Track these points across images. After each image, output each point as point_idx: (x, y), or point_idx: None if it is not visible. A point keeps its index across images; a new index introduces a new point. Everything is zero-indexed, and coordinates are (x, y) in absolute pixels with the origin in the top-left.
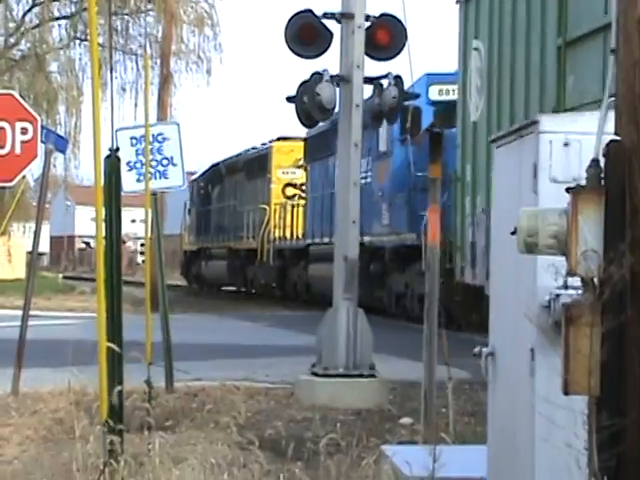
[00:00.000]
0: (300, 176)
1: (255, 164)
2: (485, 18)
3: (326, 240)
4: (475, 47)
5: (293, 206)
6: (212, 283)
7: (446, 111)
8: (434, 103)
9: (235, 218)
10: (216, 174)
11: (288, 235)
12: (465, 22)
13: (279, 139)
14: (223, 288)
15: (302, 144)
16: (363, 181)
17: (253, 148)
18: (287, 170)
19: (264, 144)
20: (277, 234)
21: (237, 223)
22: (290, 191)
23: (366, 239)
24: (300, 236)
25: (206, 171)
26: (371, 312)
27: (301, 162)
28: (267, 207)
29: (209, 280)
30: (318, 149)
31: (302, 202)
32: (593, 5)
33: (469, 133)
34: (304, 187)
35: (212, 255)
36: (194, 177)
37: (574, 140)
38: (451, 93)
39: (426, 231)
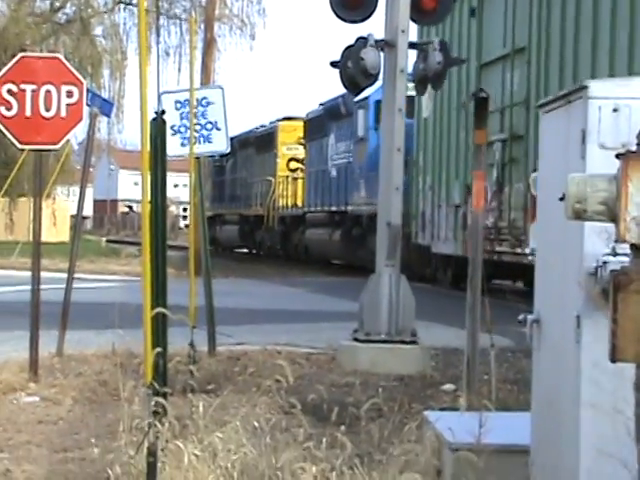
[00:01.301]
0: (302, 152)
1: (263, 140)
2: None
3: (319, 209)
4: None
5: (295, 178)
6: (225, 245)
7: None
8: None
9: (246, 188)
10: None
11: (290, 204)
12: None
13: (284, 119)
14: (236, 250)
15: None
16: (346, 160)
17: (262, 126)
18: (291, 146)
19: (272, 122)
20: (281, 203)
21: (247, 192)
22: (293, 165)
23: (349, 208)
24: (300, 205)
25: None
26: (354, 268)
27: (302, 140)
28: (273, 179)
29: (223, 243)
30: (315, 130)
31: (303, 175)
32: None
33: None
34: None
35: (226, 220)
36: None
37: (624, 105)
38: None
39: None
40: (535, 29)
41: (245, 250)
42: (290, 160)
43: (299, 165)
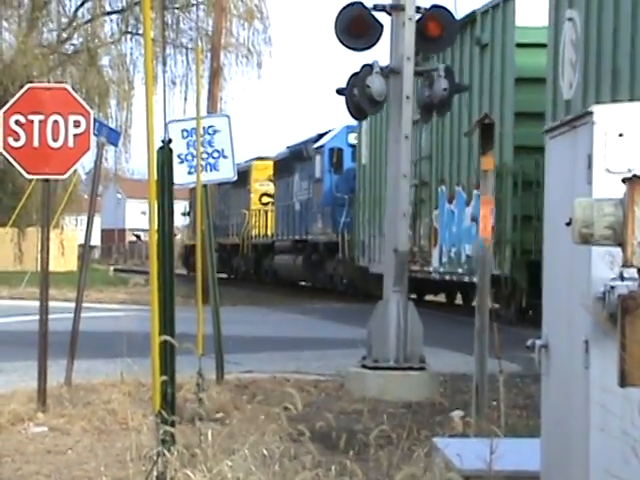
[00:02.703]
0: (273, 188)
1: (239, 177)
2: None
3: (285, 238)
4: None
5: (266, 212)
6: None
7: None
8: (351, 145)
9: (224, 219)
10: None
11: (262, 233)
12: None
13: (257, 158)
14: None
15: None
16: (306, 197)
17: (237, 164)
18: (263, 183)
19: (247, 161)
20: (254, 232)
21: (226, 223)
22: (265, 199)
23: (309, 237)
24: (270, 235)
25: None
26: (316, 288)
27: (272, 178)
28: (247, 211)
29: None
30: (283, 170)
31: (272, 208)
32: None
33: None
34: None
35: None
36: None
37: (629, 130)
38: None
39: (342, 232)
40: None
41: (224, 275)
42: (262, 195)
43: (270, 199)
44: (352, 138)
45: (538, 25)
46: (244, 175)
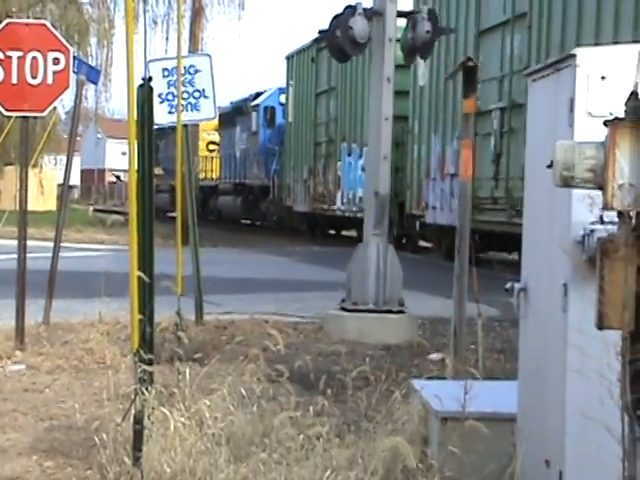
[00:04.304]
0: (218, 138)
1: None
2: None
3: (227, 181)
4: None
5: (212, 158)
6: (158, 209)
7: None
8: (282, 104)
9: (174, 163)
10: (162, 131)
11: (208, 177)
12: None
13: None
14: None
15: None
16: (245, 146)
17: None
18: (210, 133)
19: None
20: (201, 176)
21: (175, 167)
22: (211, 147)
23: (247, 180)
24: (214, 178)
25: (158, 129)
26: (249, 225)
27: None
28: (196, 157)
29: (157, 207)
30: (226, 122)
31: (218, 155)
32: None
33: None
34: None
35: (159, 190)
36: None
37: (612, 73)
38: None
39: (273, 177)
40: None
41: (175, 214)
42: (209, 143)
43: (215, 147)
44: (283, 98)
45: None
46: (194, 127)
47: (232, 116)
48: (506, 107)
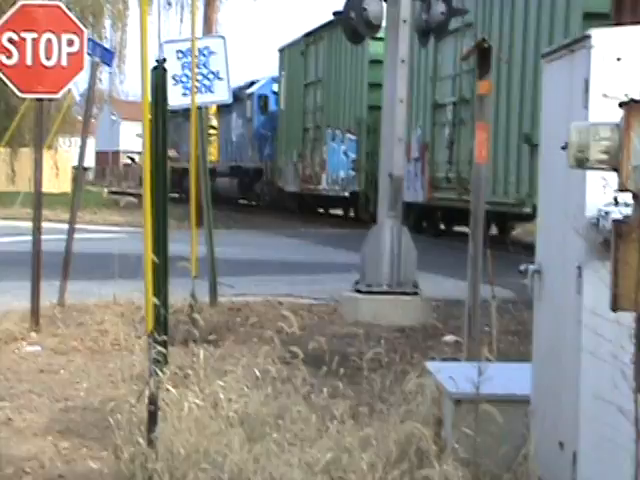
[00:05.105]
0: (216, 122)
1: (188, 112)
2: None
3: (225, 164)
4: None
5: (211, 142)
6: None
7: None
8: (275, 93)
9: (175, 147)
10: (171, 114)
11: (207, 160)
12: None
13: None
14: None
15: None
16: (240, 132)
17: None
18: (209, 117)
19: None
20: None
21: (177, 150)
22: (210, 131)
23: (242, 164)
24: (213, 160)
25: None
26: (245, 205)
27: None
28: (210, 139)
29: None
30: (224, 108)
31: (216, 139)
32: None
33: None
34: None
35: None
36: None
37: (627, 54)
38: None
39: (266, 160)
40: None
41: (176, 195)
42: (209, 127)
43: (214, 132)
44: (276, 87)
45: None
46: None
47: (229, 103)
48: (457, 101)
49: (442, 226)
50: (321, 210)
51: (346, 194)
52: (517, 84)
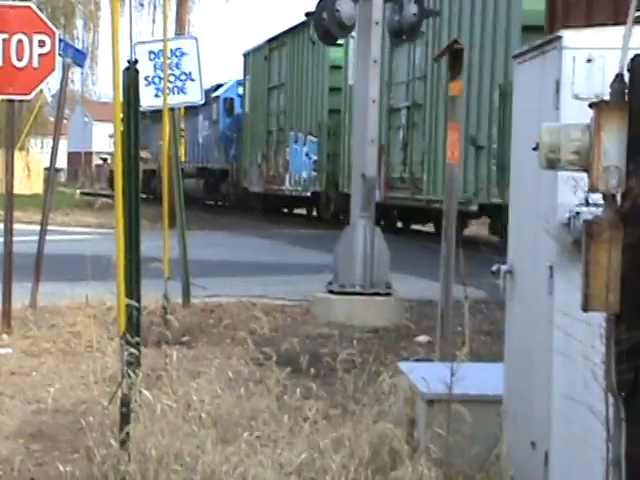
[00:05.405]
0: (183, 124)
1: (157, 114)
2: None
3: (192, 165)
4: None
5: (181, 143)
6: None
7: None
8: (240, 96)
9: (145, 149)
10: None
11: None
12: None
13: None
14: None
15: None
16: (207, 133)
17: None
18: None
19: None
20: None
21: (147, 152)
22: (182, 133)
23: (208, 165)
24: (182, 161)
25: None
26: (212, 205)
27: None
28: (163, 142)
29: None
30: (191, 111)
31: (183, 141)
32: None
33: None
34: None
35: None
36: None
37: (598, 55)
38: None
39: (232, 161)
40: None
41: (144, 195)
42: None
43: (181, 133)
44: (241, 90)
45: None
46: (161, 112)
47: (196, 105)
48: (410, 106)
49: (399, 224)
50: (285, 210)
51: (308, 194)
52: (463, 88)
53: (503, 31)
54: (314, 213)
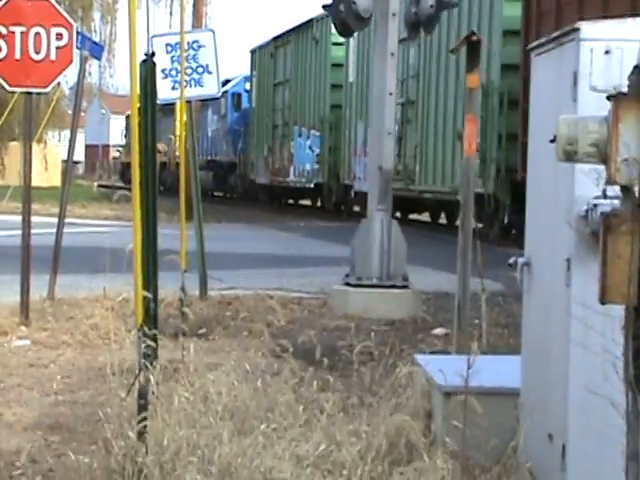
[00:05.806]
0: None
1: (168, 108)
2: None
3: (201, 157)
4: None
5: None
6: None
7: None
8: (247, 91)
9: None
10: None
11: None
12: None
13: None
14: None
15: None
16: (215, 127)
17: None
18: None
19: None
20: (178, 153)
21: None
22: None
23: (217, 157)
24: None
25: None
26: (219, 197)
27: None
28: (173, 136)
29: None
30: (200, 104)
31: None
32: None
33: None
34: None
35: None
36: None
37: (616, 47)
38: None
39: (240, 154)
40: None
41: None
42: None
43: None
44: (248, 85)
45: None
46: (173, 107)
47: (205, 99)
48: (404, 102)
49: (398, 214)
50: (291, 201)
51: (311, 185)
52: (452, 86)
53: (486, 35)
54: (319, 204)
